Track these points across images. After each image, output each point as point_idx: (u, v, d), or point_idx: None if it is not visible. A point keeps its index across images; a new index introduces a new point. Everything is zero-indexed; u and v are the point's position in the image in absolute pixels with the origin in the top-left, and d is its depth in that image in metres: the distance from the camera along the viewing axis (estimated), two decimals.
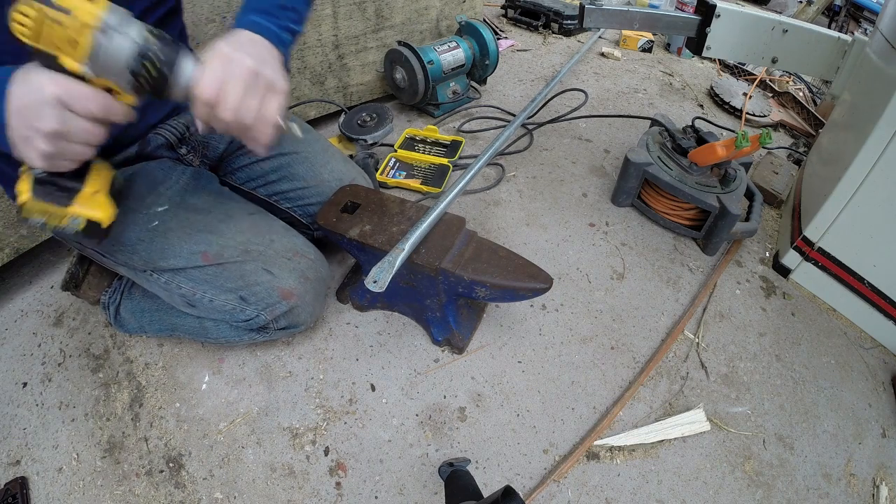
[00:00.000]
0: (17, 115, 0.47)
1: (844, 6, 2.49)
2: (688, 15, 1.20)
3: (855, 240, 0.97)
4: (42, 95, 0.46)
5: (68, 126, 0.48)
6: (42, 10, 0.44)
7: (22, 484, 0.72)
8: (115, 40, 0.47)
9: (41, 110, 0.46)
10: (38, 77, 0.46)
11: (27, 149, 0.49)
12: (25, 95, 0.47)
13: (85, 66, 0.47)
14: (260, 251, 0.77)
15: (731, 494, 0.77)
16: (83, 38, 0.46)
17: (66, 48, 0.46)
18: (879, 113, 0.84)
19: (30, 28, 0.44)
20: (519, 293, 0.80)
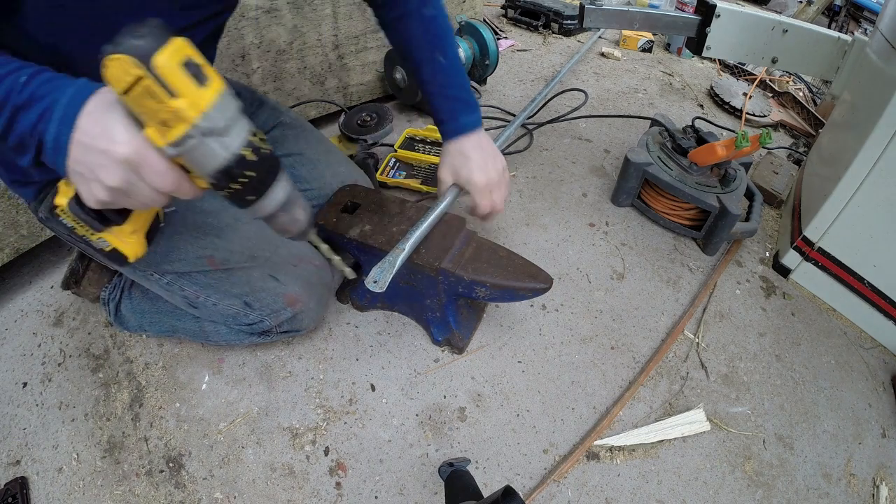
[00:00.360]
0: (82, 151, 0.43)
1: (844, 6, 2.49)
2: (688, 15, 1.20)
3: (855, 240, 0.97)
4: (114, 152, 0.42)
5: (131, 188, 0.44)
6: (144, 79, 0.37)
7: (22, 484, 0.72)
8: (210, 145, 0.42)
9: (108, 165, 0.42)
10: (115, 128, 0.42)
11: (81, 185, 0.45)
12: (96, 139, 0.42)
13: (168, 147, 0.41)
14: (266, 257, 0.76)
15: (731, 494, 0.77)
16: (176, 129, 0.40)
17: (154, 122, 0.40)
18: (879, 113, 0.84)
19: (122, 86, 0.38)
20: (519, 293, 0.80)
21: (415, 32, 0.80)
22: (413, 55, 0.81)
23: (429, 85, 0.83)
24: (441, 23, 0.81)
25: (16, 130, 0.44)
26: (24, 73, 0.44)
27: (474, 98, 0.86)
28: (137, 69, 0.37)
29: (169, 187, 0.44)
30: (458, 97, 0.83)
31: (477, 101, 0.86)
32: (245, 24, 1.13)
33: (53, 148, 0.43)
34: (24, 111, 0.43)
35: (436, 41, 0.80)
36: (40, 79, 0.44)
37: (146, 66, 0.37)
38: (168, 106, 0.39)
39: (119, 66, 0.37)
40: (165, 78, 0.38)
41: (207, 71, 0.41)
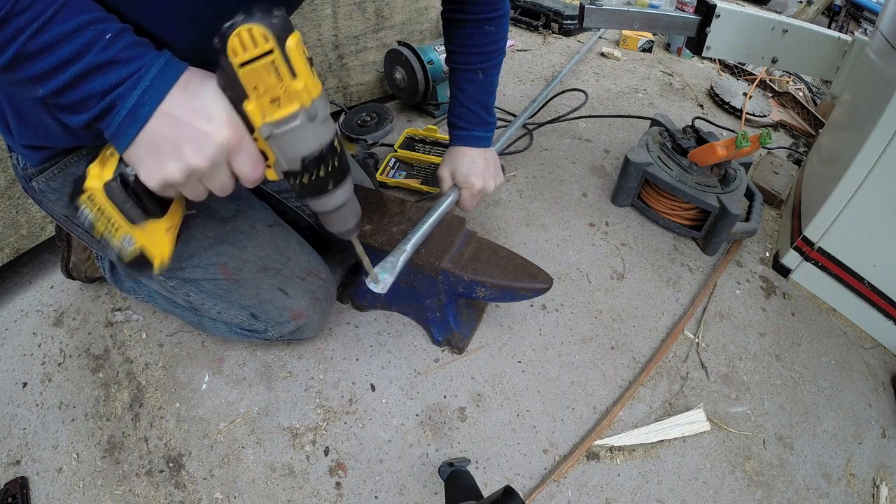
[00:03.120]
0: (169, 124, 0.40)
1: (844, 6, 2.49)
2: (688, 15, 1.20)
3: (855, 240, 0.97)
4: (212, 132, 0.40)
5: (214, 171, 0.42)
6: (273, 54, 0.37)
7: (22, 484, 0.72)
8: (309, 130, 0.42)
9: (201, 142, 0.40)
10: (215, 106, 0.41)
11: (150, 161, 0.42)
12: (193, 114, 0.40)
13: (267, 127, 0.41)
14: (277, 269, 0.76)
15: (731, 494, 0.77)
16: (287, 108, 0.40)
17: (264, 99, 0.40)
18: (879, 113, 0.84)
19: (247, 56, 0.37)
20: (519, 293, 0.80)
21: (470, 41, 0.84)
22: (458, 58, 0.86)
23: (458, 91, 0.87)
24: (497, 43, 0.85)
25: (81, 89, 0.40)
26: (110, 29, 0.40)
27: (494, 120, 0.91)
28: (269, 43, 0.37)
29: (251, 175, 0.44)
30: (480, 113, 0.88)
31: (496, 123, 0.91)
32: None
33: (128, 116, 0.40)
34: (100, 72, 0.39)
35: (484, 57, 0.85)
36: (125, 40, 0.40)
37: (279, 43, 0.37)
38: (288, 84, 0.39)
39: (252, 36, 0.36)
40: (292, 58, 0.38)
41: (309, 57, 0.42)
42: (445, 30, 0.87)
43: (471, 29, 0.83)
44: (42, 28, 0.38)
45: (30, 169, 0.64)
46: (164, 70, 0.41)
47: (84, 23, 0.39)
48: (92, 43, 0.39)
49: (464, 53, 0.85)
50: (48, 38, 0.38)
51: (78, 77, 0.39)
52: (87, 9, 0.40)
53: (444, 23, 0.87)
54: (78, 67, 0.39)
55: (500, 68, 0.88)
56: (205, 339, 0.91)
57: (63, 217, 0.69)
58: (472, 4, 0.81)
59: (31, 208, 0.91)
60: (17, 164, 0.66)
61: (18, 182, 0.78)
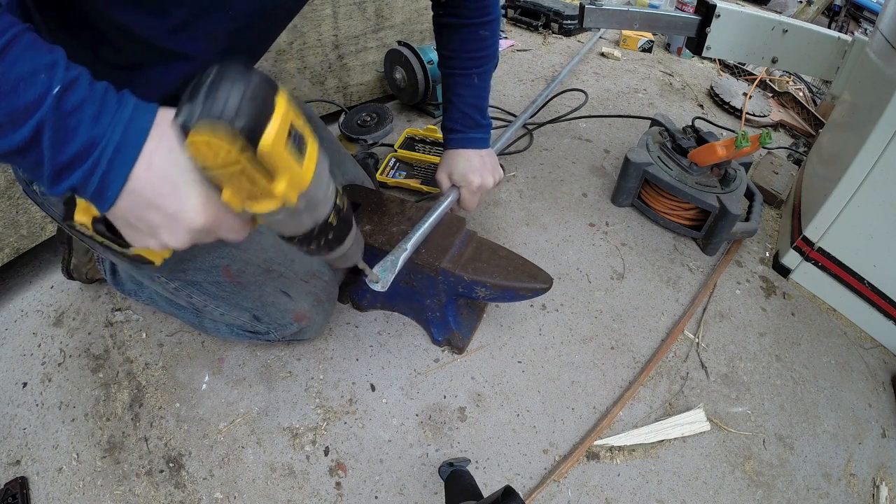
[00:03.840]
0: (141, 207, 0.35)
1: (844, 6, 2.48)
2: (688, 15, 1.20)
3: (855, 240, 0.97)
4: (186, 219, 0.36)
5: (195, 243, 0.39)
6: (241, 164, 0.30)
7: (22, 484, 0.72)
8: (297, 218, 0.37)
9: (175, 228, 0.36)
10: (187, 189, 0.35)
11: (131, 232, 0.38)
12: (163, 198, 0.35)
13: (247, 212, 0.35)
14: (280, 272, 0.76)
15: (731, 494, 0.77)
16: (266, 205, 0.34)
17: (240, 193, 0.33)
18: (879, 113, 0.84)
19: (210, 164, 0.30)
20: (519, 293, 0.80)
21: (464, 46, 0.84)
22: (453, 63, 0.86)
23: (454, 96, 0.88)
24: (491, 48, 0.86)
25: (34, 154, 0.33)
26: (56, 80, 0.32)
27: (490, 122, 0.91)
28: (237, 153, 0.29)
29: (238, 239, 0.40)
30: (475, 117, 0.88)
31: (491, 125, 0.91)
32: None
33: (96, 194, 0.35)
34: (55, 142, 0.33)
35: (479, 62, 0.86)
36: (74, 97, 0.33)
37: (249, 150, 0.29)
38: (265, 187, 0.32)
39: (211, 148, 0.29)
40: (269, 161, 0.31)
41: (305, 133, 0.34)
42: (439, 35, 0.87)
43: (466, 34, 0.83)
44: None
45: None
46: (122, 144, 0.34)
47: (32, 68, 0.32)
48: (42, 96, 0.32)
49: (460, 58, 0.85)
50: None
51: (31, 139, 0.33)
52: (39, 49, 0.33)
53: (437, 28, 0.86)
54: (27, 129, 0.32)
55: (492, 72, 0.89)
56: (205, 339, 0.91)
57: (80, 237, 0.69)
58: (467, 9, 0.81)
59: (31, 208, 0.91)
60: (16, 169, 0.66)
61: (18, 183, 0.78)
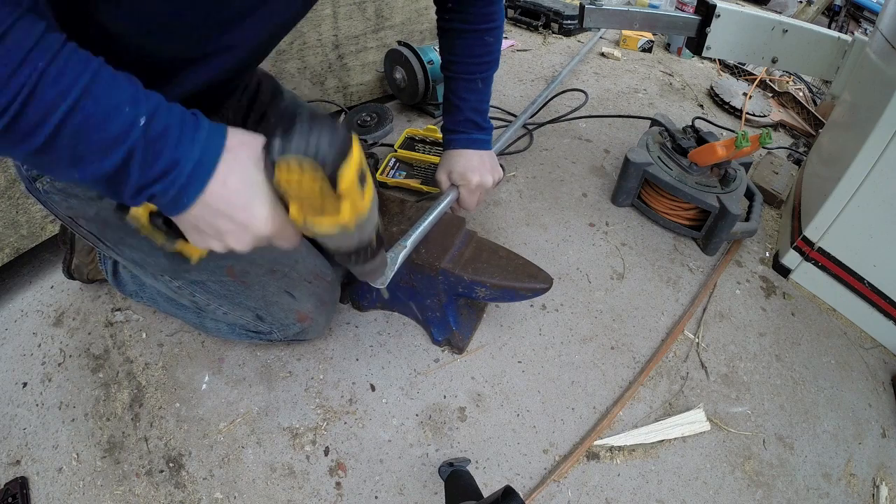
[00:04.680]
0: (212, 214, 0.40)
1: (844, 6, 2.48)
2: (688, 15, 1.20)
3: (855, 240, 0.97)
4: (254, 228, 0.40)
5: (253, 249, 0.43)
6: (320, 182, 0.35)
7: (22, 484, 0.72)
8: (349, 237, 0.43)
9: (242, 235, 0.41)
10: (257, 201, 0.39)
11: (196, 235, 0.42)
12: (234, 209, 0.39)
13: (307, 227, 0.41)
14: (285, 272, 0.76)
15: (731, 494, 0.77)
16: (327, 224, 0.39)
17: (307, 208, 0.39)
18: (879, 113, 0.84)
19: (293, 178, 0.36)
20: (519, 293, 0.80)
21: (469, 51, 0.85)
22: (457, 67, 0.86)
23: (458, 100, 0.88)
24: (495, 53, 0.86)
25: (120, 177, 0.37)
26: (142, 112, 0.36)
27: (491, 125, 0.92)
28: (320, 174, 0.35)
29: (292, 247, 0.45)
30: (477, 120, 0.89)
31: (492, 128, 0.92)
32: None
33: (171, 202, 0.39)
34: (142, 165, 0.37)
35: (483, 67, 0.86)
36: (158, 125, 0.37)
37: (331, 173, 0.35)
38: (331, 205, 0.38)
39: (300, 174, 0.35)
40: (342, 185, 0.36)
41: (367, 171, 0.40)
42: (443, 38, 0.87)
43: (471, 39, 0.83)
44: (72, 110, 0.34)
45: (33, 171, 0.64)
46: (201, 161, 0.38)
47: (119, 102, 0.36)
48: (130, 128, 0.36)
49: (465, 63, 0.85)
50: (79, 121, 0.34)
51: (112, 172, 0.37)
52: (119, 83, 0.37)
53: (441, 32, 0.86)
54: (112, 162, 0.36)
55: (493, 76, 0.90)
56: (205, 339, 0.91)
57: (67, 218, 0.69)
58: (473, 15, 0.81)
59: (31, 208, 0.91)
60: (19, 166, 0.65)
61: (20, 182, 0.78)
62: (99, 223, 0.68)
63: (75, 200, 0.65)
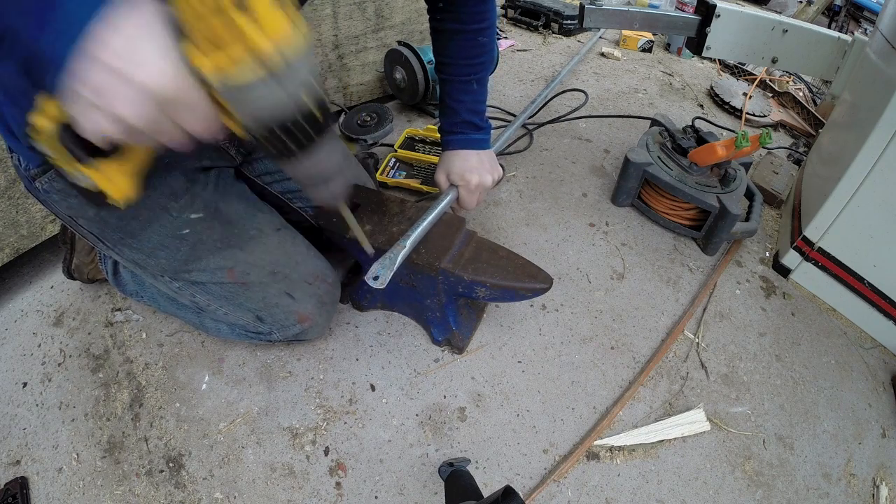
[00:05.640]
0: (95, 70, 0.31)
1: (844, 6, 2.49)
2: (688, 15, 1.20)
3: (855, 240, 0.97)
4: (142, 81, 0.31)
5: (151, 126, 0.34)
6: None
7: (22, 484, 0.72)
8: (279, 91, 0.33)
9: (130, 95, 0.32)
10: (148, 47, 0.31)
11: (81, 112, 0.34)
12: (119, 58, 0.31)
13: (220, 82, 0.32)
14: (285, 274, 0.76)
15: (731, 494, 0.77)
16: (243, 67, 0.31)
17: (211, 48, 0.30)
18: (879, 113, 0.84)
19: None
20: (519, 293, 0.80)
21: (463, 52, 0.84)
22: (452, 69, 0.86)
23: (454, 102, 0.88)
24: (489, 53, 0.86)
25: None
26: None
27: (488, 123, 0.91)
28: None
29: (200, 131, 0.35)
30: (474, 121, 0.88)
31: (490, 126, 0.92)
32: None
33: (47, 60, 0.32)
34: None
35: (477, 67, 0.86)
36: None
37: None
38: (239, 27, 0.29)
39: None
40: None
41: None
42: (436, 41, 0.86)
43: (465, 41, 0.83)
44: None
45: (32, 170, 0.63)
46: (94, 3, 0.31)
47: None
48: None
49: (459, 65, 0.85)
50: None
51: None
52: None
53: (434, 33, 0.86)
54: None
55: (489, 75, 0.90)
56: (205, 339, 0.91)
57: (67, 217, 0.68)
58: (465, 14, 0.81)
59: (31, 208, 0.91)
60: (18, 165, 0.65)
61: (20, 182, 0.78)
62: (99, 223, 0.68)
63: (75, 200, 0.64)
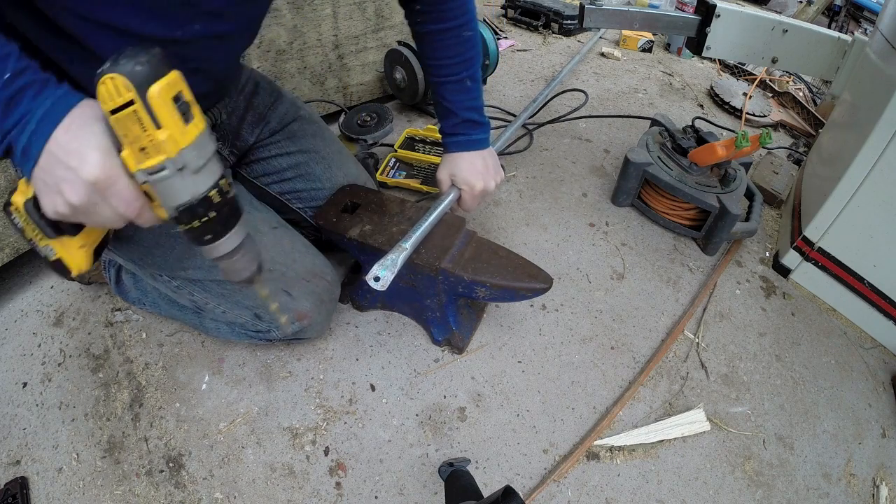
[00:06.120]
0: (52, 163, 0.43)
1: (844, 6, 2.49)
2: (688, 15, 1.20)
3: (855, 240, 0.97)
4: (83, 172, 0.42)
5: (93, 207, 0.44)
6: (135, 104, 0.39)
7: (22, 484, 0.72)
8: (180, 181, 0.43)
9: (75, 182, 0.42)
10: (89, 147, 0.42)
11: (44, 194, 0.45)
12: (68, 155, 0.42)
13: (141, 174, 0.43)
14: (282, 272, 0.76)
15: (731, 494, 0.77)
16: (153, 159, 0.41)
17: (133, 147, 0.41)
18: (879, 113, 0.84)
19: (112, 105, 0.39)
20: (519, 293, 0.80)
21: (450, 52, 0.82)
22: (442, 71, 0.84)
23: (448, 102, 0.86)
24: (476, 46, 0.84)
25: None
26: (8, 69, 0.42)
27: (488, 120, 0.89)
28: (130, 93, 0.38)
29: (131, 213, 0.45)
30: (474, 119, 0.86)
31: (489, 123, 0.90)
32: None
33: (22, 155, 0.43)
34: (3, 114, 0.42)
35: (468, 63, 0.83)
36: (21, 81, 0.42)
37: (140, 93, 0.38)
38: (151, 136, 0.40)
39: (113, 87, 0.38)
40: (155, 109, 0.39)
41: (194, 110, 0.43)
42: (421, 45, 0.84)
43: (450, 39, 0.81)
44: None
45: None
46: (49, 112, 0.42)
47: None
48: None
49: (448, 65, 0.83)
50: None
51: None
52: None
53: (417, 38, 0.84)
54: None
55: (480, 70, 0.87)
56: (205, 339, 0.91)
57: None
58: (444, 12, 0.79)
59: None
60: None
61: None
62: None
63: None
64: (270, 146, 0.89)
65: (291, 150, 0.89)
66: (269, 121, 0.89)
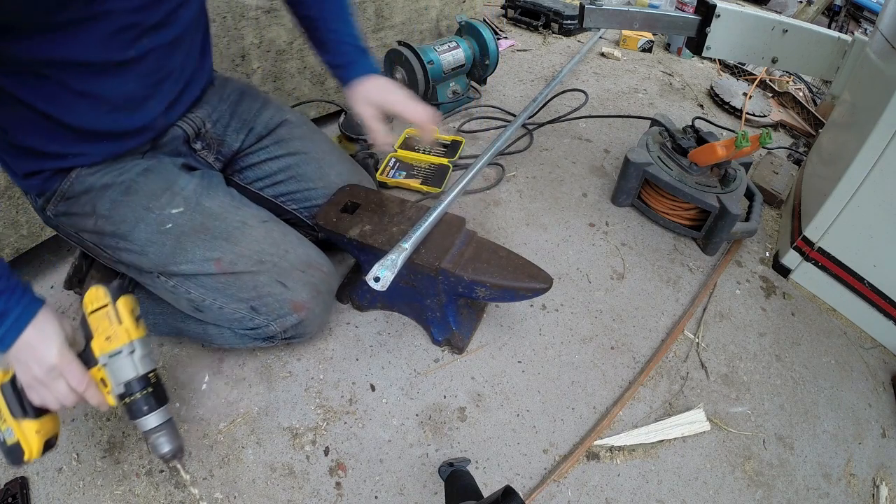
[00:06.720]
0: (24, 348, 0.58)
1: (844, 6, 2.49)
2: (688, 15, 1.20)
3: (855, 240, 0.97)
4: (46, 358, 0.58)
5: (52, 382, 0.59)
6: (108, 307, 0.61)
7: (22, 484, 0.72)
8: (130, 362, 0.61)
9: (41, 362, 0.58)
10: (51, 343, 0.58)
11: (19, 366, 0.60)
12: (36, 346, 0.58)
13: (103, 357, 0.60)
14: (275, 262, 0.76)
15: (731, 494, 0.77)
16: (115, 343, 0.60)
17: (102, 337, 0.60)
18: (879, 113, 0.84)
19: (93, 307, 0.61)
20: (519, 293, 0.80)
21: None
22: (324, 8, 0.84)
23: (337, 34, 0.85)
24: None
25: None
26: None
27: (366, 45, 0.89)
28: (108, 299, 0.61)
29: (80, 388, 0.59)
30: (363, 48, 0.87)
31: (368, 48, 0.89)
32: (245, 24, 1.13)
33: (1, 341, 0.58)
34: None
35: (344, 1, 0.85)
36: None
37: (113, 301, 0.61)
38: (116, 327, 0.60)
39: (98, 294, 0.61)
40: (120, 311, 0.61)
41: (140, 324, 0.63)
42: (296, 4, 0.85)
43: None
44: None
45: (39, 200, 0.74)
46: (21, 315, 0.58)
47: None
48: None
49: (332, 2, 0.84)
50: None
51: None
52: None
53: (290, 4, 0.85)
54: None
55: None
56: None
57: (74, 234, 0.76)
58: None
59: (31, 209, 0.91)
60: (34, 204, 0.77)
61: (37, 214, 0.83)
62: (97, 233, 0.74)
63: (76, 218, 0.74)
64: (259, 151, 0.90)
65: (280, 153, 0.91)
66: (254, 127, 0.90)
